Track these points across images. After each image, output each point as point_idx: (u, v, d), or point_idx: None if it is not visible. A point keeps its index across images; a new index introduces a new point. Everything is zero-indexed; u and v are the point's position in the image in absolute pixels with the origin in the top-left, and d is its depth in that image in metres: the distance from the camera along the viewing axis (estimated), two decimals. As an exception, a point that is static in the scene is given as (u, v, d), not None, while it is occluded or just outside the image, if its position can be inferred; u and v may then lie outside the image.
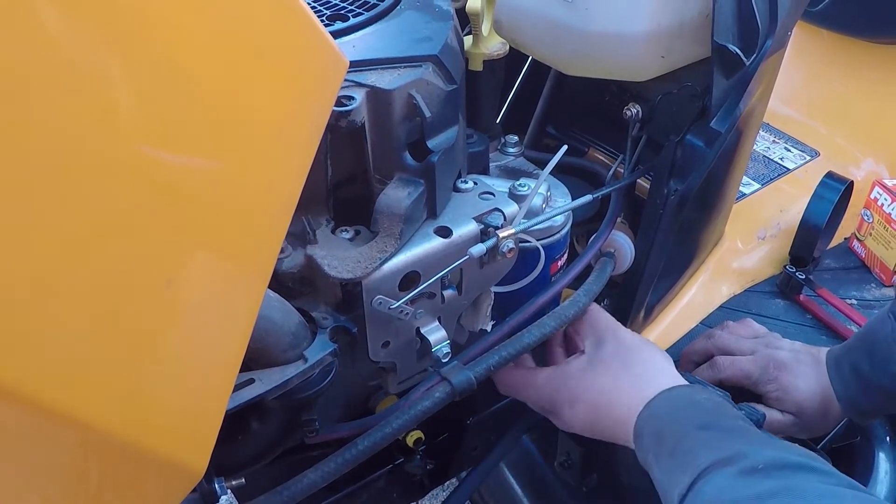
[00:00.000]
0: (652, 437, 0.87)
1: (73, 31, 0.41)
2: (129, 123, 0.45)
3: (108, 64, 0.43)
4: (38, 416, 0.43)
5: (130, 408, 0.49)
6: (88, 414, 0.46)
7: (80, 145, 0.42)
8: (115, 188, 0.45)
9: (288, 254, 0.83)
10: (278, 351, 0.77)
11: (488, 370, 0.91)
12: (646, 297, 1.16)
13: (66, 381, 0.44)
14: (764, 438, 0.82)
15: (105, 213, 0.45)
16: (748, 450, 0.77)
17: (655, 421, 0.88)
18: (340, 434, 0.90)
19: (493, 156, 1.10)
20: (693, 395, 0.90)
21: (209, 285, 0.55)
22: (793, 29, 1.13)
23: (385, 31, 0.89)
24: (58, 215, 0.42)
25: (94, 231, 0.44)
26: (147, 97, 0.47)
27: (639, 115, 1.09)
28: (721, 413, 0.87)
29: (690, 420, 0.85)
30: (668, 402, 0.90)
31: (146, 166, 0.47)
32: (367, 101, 0.80)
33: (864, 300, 1.40)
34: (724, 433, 0.82)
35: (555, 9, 1.00)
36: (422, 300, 0.88)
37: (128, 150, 0.45)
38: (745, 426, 0.85)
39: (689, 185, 1.04)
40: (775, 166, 1.62)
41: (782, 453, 0.76)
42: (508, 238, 0.87)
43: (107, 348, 0.47)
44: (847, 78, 1.73)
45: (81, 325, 0.45)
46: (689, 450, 0.81)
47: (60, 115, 0.41)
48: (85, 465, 0.51)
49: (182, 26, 0.48)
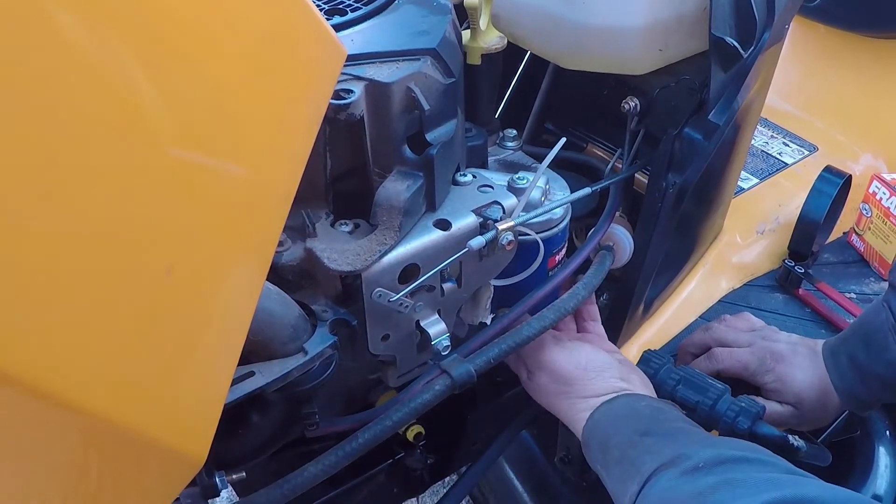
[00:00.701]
0: (598, 447, 0.90)
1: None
2: (128, 117, 0.45)
3: (107, 53, 0.44)
4: (37, 403, 0.43)
5: (130, 395, 0.50)
6: (87, 401, 0.46)
7: (79, 139, 0.42)
8: (115, 179, 0.45)
9: (287, 247, 0.83)
10: (278, 343, 0.77)
11: (488, 363, 0.91)
12: (645, 291, 1.17)
13: (66, 368, 0.44)
14: (704, 438, 0.85)
15: (106, 202, 0.45)
16: (689, 451, 0.79)
17: (599, 431, 0.91)
18: (341, 427, 0.90)
19: (492, 150, 1.10)
20: (633, 403, 0.93)
21: (209, 275, 0.55)
22: (790, 22, 1.13)
23: (383, 24, 0.89)
24: (58, 205, 0.42)
25: (95, 219, 0.44)
26: (146, 88, 0.47)
27: (637, 109, 1.09)
28: (661, 417, 0.89)
29: (633, 428, 0.87)
30: (610, 412, 0.92)
31: (145, 158, 0.47)
32: (366, 95, 0.80)
33: (863, 294, 1.40)
34: (665, 437, 0.85)
35: (552, 2, 1.00)
36: (421, 293, 0.88)
37: (126, 141, 0.45)
38: (686, 427, 0.88)
39: (687, 179, 1.05)
40: (774, 161, 1.62)
41: (721, 450, 0.79)
42: (507, 230, 0.87)
43: (106, 335, 0.47)
44: (845, 73, 1.74)
45: (82, 311, 0.45)
46: (634, 458, 0.83)
47: (67, 109, 0.41)
48: (84, 454, 0.51)
49: (182, 15, 0.48)
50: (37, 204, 0.41)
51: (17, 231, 0.40)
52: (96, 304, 0.45)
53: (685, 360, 1.17)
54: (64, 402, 0.44)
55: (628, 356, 1.20)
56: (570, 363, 0.98)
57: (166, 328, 0.52)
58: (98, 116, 0.43)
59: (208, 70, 0.51)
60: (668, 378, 1.03)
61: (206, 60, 0.51)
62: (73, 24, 0.41)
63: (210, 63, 0.51)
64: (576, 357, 0.99)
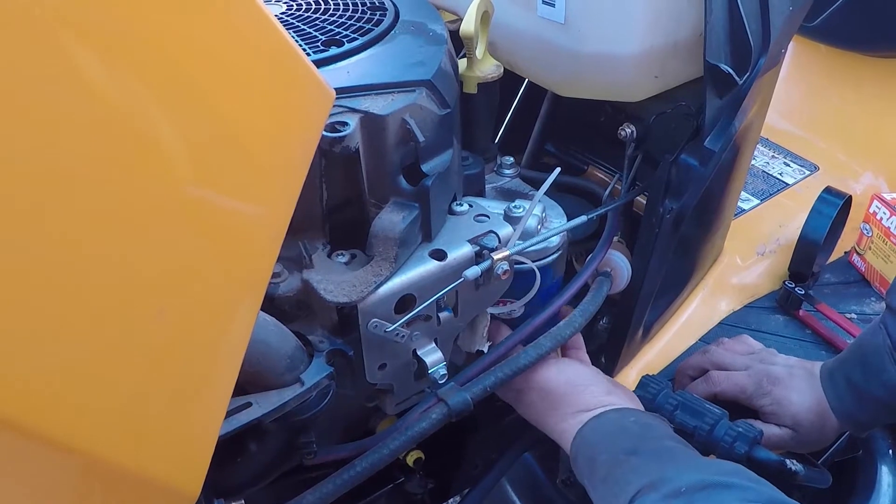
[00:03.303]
0: (585, 464, 0.90)
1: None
2: (122, 165, 0.46)
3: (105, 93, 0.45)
4: (31, 443, 0.44)
5: (122, 434, 0.50)
6: (79, 441, 0.47)
7: (70, 182, 0.43)
8: (106, 226, 0.46)
9: (284, 278, 0.83)
10: (275, 374, 0.78)
11: (484, 391, 0.92)
12: (644, 315, 1.17)
13: (58, 411, 0.45)
14: (690, 459, 0.85)
15: (97, 250, 0.46)
16: (672, 474, 0.80)
17: (587, 448, 0.91)
18: (338, 455, 0.91)
19: (490, 177, 1.11)
20: (621, 419, 0.93)
21: (201, 313, 0.56)
22: (787, 46, 1.14)
23: (379, 55, 0.90)
24: (51, 250, 0.43)
25: (88, 266, 0.45)
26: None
27: (634, 135, 1.09)
28: (649, 435, 0.89)
29: (619, 446, 0.88)
30: (598, 428, 0.92)
31: (137, 201, 0.48)
32: (362, 127, 0.81)
33: (863, 314, 1.40)
34: (650, 458, 0.85)
35: (548, 31, 1.01)
36: (418, 322, 0.88)
37: (118, 185, 0.46)
38: (673, 446, 0.88)
39: (684, 204, 1.05)
40: (774, 181, 1.62)
41: (703, 475, 0.79)
42: (503, 260, 0.88)
43: (98, 376, 0.48)
44: (846, 92, 1.74)
45: (74, 355, 0.46)
46: (619, 478, 0.84)
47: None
48: (76, 492, 0.52)
49: (180, 63, 0.49)
50: (37, 248, 0.42)
51: (14, 276, 0.41)
52: (88, 347, 0.46)
53: (683, 383, 1.17)
54: (56, 442, 0.45)
55: (627, 380, 1.21)
56: (559, 378, 0.98)
57: (158, 368, 0.53)
58: (95, 164, 0.44)
59: (205, 115, 0.52)
60: (666, 403, 1.04)
61: (200, 106, 0.52)
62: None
63: (204, 108, 0.52)
64: (564, 372, 0.99)
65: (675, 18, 0.99)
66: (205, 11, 0.51)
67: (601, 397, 0.96)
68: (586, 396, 0.96)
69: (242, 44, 0.55)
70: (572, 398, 0.97)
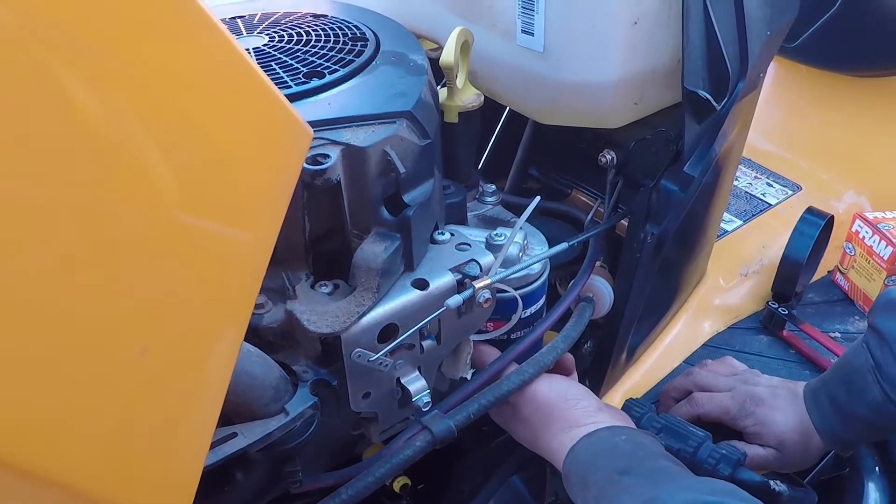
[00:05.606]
0: (578, 482, 0.90)
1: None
2: (107, 195, 0.47)
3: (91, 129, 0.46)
4: (12, 476, 0.45)
5: (105, 466, 0.51)
6: (63, 473, 0.48)
7: (54, 215, 0.44)
8: (91, 258, 0.47)
9: (268, 309, 0.84)
10: (260, 405, 0.79)
11: (468, 418, 0.93)
12: (627, 339, 1.18)
13: (41, 442, 0.46)
14: (682, 478, 0.86)
15: (81, 280, 0.47)
16: (664, 495, 0.80)
17: (579, 466, 0.91)
18: (324, 484, 0.91)
19: (472, 205, 1.12)
20: (613, 437, 0.93)
21: (184, 349, 0.57)
22: (766, 70, 1.15)
23: (360, 87, 0.91)
24: (33, 282, 0.44)
25: (71, 299, 0.46)
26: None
27: (614, 161, 1.11)
28: (641, 454, 0.89)
29: (612, 466, 0.88)
30: (590, 446, 0.92)
31: (122, 232, 0.49)
32: (343, 159, 0.81)
33: (847, 333, 1.41)
34: (644, 477, 0.85)
35: (528, 59, 1.02)
36: (401, 351, 0.89)
37: (98, 221, 0.47)
38: (665, 465, 0.88)
39: (665, 229, 1.06)
40: (757, 202, 1.64)
41: (697, 494, 0.79)
42: (484, 288, 0.89)
43: (81, 412, 0.48)
44: (826, 112, 1.76)
45: (58, 389, 0.46)
46: (612, 498, 0.84)
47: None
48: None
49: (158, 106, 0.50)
50: (18, 280, 0.43)
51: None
52: (71, 381, 0.47)
53: (667, 405, 1.17)
54: (36, 476, 0.46)
55: (612, 403, 1.21)
56: (552, 392, 0.99)
57: (141, 401, 0.53)
58: (77, 197, 0.45)
59: (188, 151, 0.53)
60: (650, 426, 1.04)
61: (182, 142, 0.53)
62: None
63: (186, 145, 0.53)
64: (556, 387, 1.00)
65: (654, 45, 1.00)
66: (179, 52, 0.52)
67: (592, 413, 0.97)
68: (577, 412, 0.97)
69: (222, 83, 0.56)
70: (564, 413, 0.97)
